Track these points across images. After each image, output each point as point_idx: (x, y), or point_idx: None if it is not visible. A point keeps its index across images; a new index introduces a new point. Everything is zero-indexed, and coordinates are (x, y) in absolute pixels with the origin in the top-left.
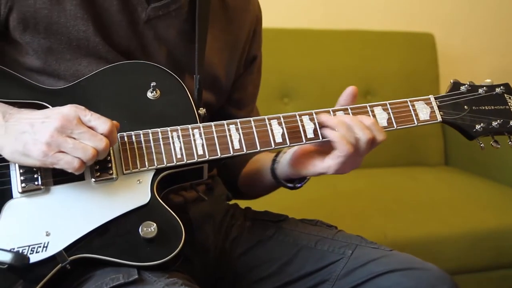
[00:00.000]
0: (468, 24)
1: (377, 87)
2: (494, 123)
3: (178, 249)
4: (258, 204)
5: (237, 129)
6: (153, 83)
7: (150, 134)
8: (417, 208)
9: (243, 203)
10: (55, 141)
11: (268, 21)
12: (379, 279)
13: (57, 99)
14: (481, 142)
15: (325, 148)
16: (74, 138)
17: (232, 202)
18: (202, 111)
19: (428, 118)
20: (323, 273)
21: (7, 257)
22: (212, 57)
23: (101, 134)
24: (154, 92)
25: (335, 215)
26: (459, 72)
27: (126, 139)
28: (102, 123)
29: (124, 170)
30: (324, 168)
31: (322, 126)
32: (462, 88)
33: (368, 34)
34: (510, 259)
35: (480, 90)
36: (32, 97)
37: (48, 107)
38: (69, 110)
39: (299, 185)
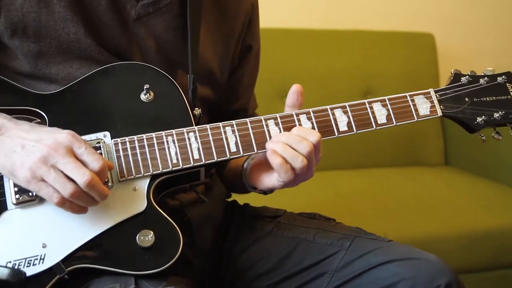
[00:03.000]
0: (468, 24)
1: (377, 87)
2: (496, 115)
3: (176, 257)
4: (256, 201)
5: (233, 131)
6: (146, 86)
7: (145, 140)
8: (417, 208)
9: (241, 200)
10: (38, 170)
11: (268, 21)
12: (377, 270)
13: (49, 105)
14: (482, 135)
15: None
16: (58, 169)
17: (231, 199)
18: (198, 111)
19: (428, 113)
20: (321, 266)
21: (3, 273)
22: (206, 51)
23: (91, 170)
24: (148, 94)
25: (335, 215)
26: None
27: (120, 145)
28: (94, 161)
29: (119, 177)
30: (269, 185)
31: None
32: (463, 79)
33: (368, 34)
34: (510, 259)
35: (482, 81)
36: (24, 104)
37: (40, 113)
38: (64, 138)
39: (269, 192)
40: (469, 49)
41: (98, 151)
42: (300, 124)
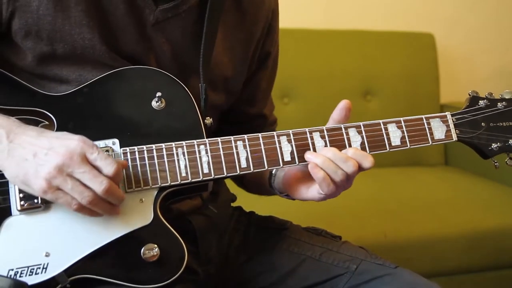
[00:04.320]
0: (468, 24)
1: (377, 87)
2: (511, 141)
3: (179, 273)
4: (262, 206)
5: (244, 146)
6: (158, 93)
7: (154, 150)
8: (417, 208)
9: (247, 206)
10: (54, 180)
11: None
12: None
13: (58, 107)
14: (495, 161)
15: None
16: (75, 177)
17: (236, 204)
18: (209, 120)
19: (443, 137)
20: (326, 286)
21: (5, 284)
22: (222, 57)
23: (105, 175)
24: (159, 102)
25: (335, 215)
26: (459, 72)
27: (129, 155)
28: (108, 165)
29: (126, 188)
30: (309, 197)
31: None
32: (481, 103)
33: (368, 34)
34: (510, 259)
35: (499, 105)
36: (32, 104)
37: (48, 115)
38: (76, 145)
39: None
40: (469, 49)
41: (109, 155)
42: (313, 142)
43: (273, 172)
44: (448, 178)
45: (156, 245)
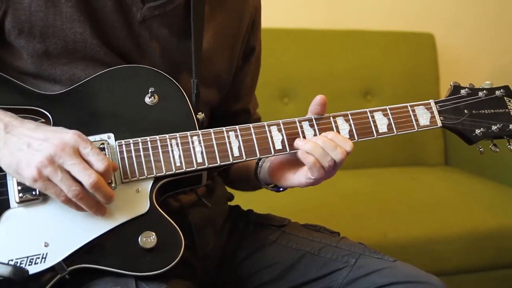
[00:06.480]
0: (468, 24)
1: (377, 87)
2: (494, 127)
3: (177, 259)
4: (260, 205)
5: (236, 136)
6: (151, 89)
7: (149, 142)
8: (417, 208)
9: (245, 205)
10: (45, 169)
11: (268, 21)
12: None
13: (55, 105)
14: (480, 147)
15: (296, 157)
16: (65, 169)
17: (234, 203)
18: (201, 115)
19: (428, 123)
20: (325, 280)
21: (5, 271)
22: (214, 54)
23: (95, 170)
24: (152, 97)
25: (335, 215)
26: (459, 73)
27: (124, 147)
28: (99, 161)
29: (122, 179)
30: (295, 183)
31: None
32: (462, 92)
33: (368, 34)
34: (510, 259)
35: (480, 93)
36: (29, 103)
37: (45, 113)
38: (70, 138)
39: (281, 189)
40: (469, 49)
41: (102, 152)
42: (302, 131)
43: (259, 163)
44: (448, 178)
45: (153, 233)
